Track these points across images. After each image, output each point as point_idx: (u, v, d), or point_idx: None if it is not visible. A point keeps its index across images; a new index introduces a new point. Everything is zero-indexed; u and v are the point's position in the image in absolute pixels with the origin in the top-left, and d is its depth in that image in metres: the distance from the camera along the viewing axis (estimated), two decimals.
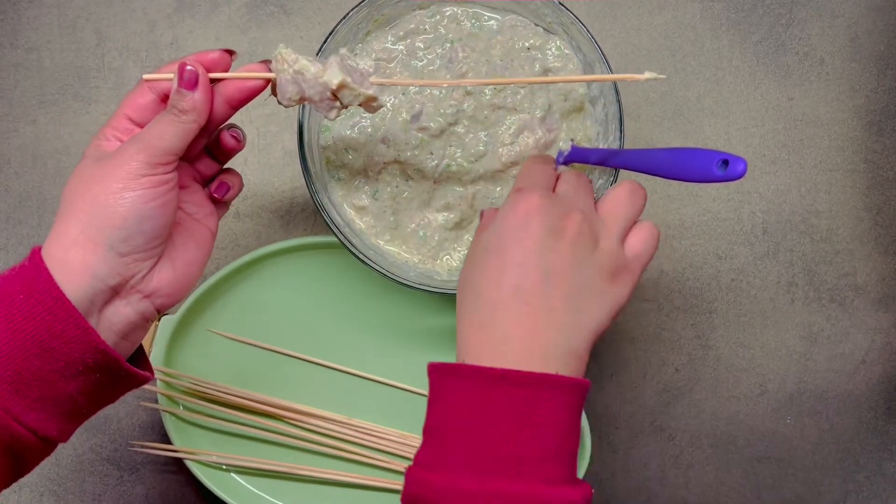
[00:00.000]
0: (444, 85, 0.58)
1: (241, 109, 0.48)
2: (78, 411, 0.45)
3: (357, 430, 0.66)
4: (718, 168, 0.45)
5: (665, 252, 0.68)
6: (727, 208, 0.69)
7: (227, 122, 0.49)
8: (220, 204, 0.51)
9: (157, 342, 0.64)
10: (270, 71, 0.47)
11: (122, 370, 0.44)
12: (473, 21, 0.60)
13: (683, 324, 0.68)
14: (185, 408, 0.66)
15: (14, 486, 0.68)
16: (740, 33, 0.69)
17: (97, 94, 0.69)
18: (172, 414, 0.65)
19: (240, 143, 0.50)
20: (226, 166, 0.52)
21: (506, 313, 0.43)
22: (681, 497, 0.68)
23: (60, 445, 0.67)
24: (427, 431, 0.44)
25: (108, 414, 0.67)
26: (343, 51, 0.49)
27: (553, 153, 0.59)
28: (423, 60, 0.60)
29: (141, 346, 0.49)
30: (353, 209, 0.60)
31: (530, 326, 0.43)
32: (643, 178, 0.68)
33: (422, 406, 0.65)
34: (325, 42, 0.56)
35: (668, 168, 0.49)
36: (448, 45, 0.60)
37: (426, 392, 0.65)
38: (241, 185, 0.52)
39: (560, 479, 0.41)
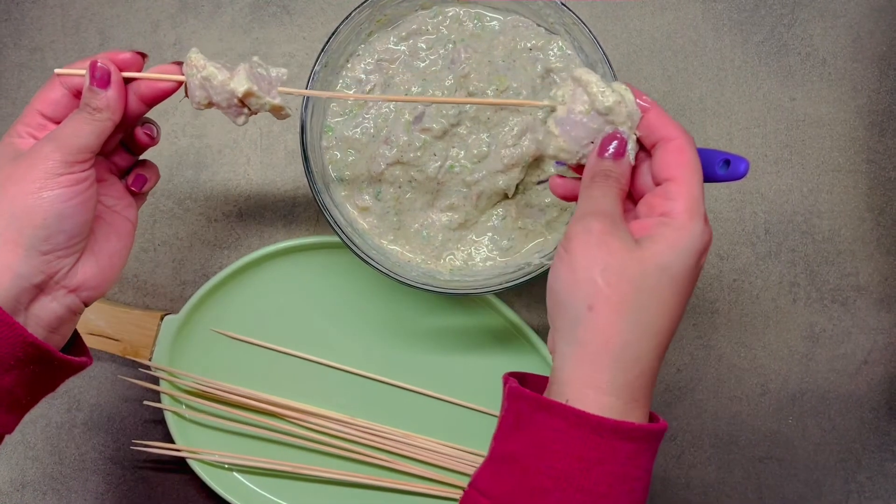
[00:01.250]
0: (355, 98, 0.57)
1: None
2: (17, 403, 0.45)
3: (360, 430, 0.66)
4: (721, 168, 0.45)
5: None
6: (729, 208, 0.69)
7: (142, 118, 0.49)
8: (138, 195, 0.51)
9: (160, 342, 0.65)
10: (182, 73, 0.48)
11: (57, 360, 0.45)
12: (476, 21, 0.60)
13: (685, 324, 0.68)
14: (189, 407, 0.66)
15: (17, 485, 0.68)
16: (742, 34, 0.69)
17: None
18: (175, 413, 0.65)
19: (153, 139, 0.50)
20: (141, 157, 0.52)
21: (660, 361, 0.41)
22: (682, 497, 0.68)
23: (63, 444, 0.68)
24: (500, 459, 0.41)
25: (112, 413, 0.68)
26: (255, 58, 0.49)
27: None
28: (425, 61, 0.60)
29: (77, 333, 0.50)
30: (355, 209, 0.60)
31: (658, 369, 0.41)
32: None
33: (424, 405, 0.66)
34: (327, 42, 0.56)
35: None
36: (450, 45, 0.60)
37: (429, 391, 0.66)
38: (158, 176, 0.52)
39: None
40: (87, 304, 0.47)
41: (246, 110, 0.49)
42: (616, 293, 0.39)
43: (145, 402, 0.66)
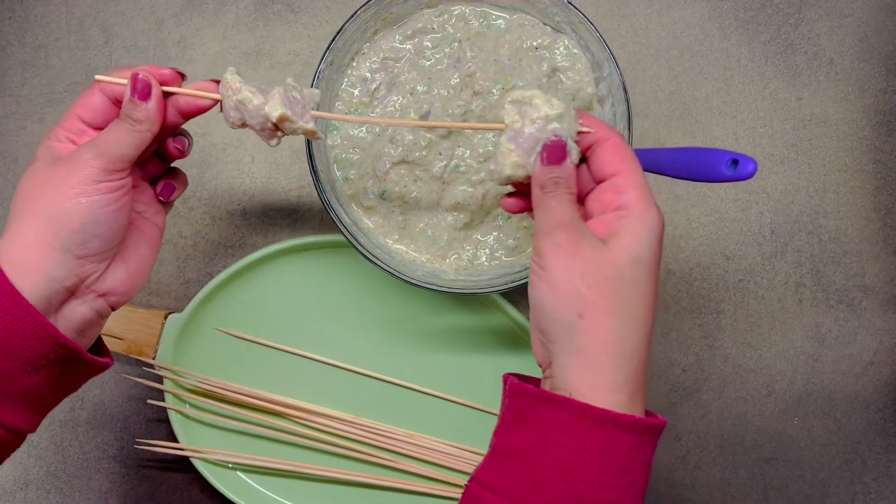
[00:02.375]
0: (395, 125, 0.56)
1: None
2: (42, 402, 0.46)
3: (363, 429, 0.66)
4: (728, 168, 0.45)
5: (672, 252, 0.68)
6: (735, 208, 0.68)
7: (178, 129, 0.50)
8: (166, 203, 0.52)
9: (164, 340, 0.64)
10: (219, 91, 0.48)
11: (83, 360, 0.46)
12: (481, 20, 0.60)
13: (691, 324, 0.68)
14: (192, 406, 0.66)
15: (20, 483, 0.68)
16: (749, 33, 0.69)
17: None
18: (179, 412, 0.65)
19: (182, 153, 0.51)
20: (172, 166, 0.52)
21: (648, 342, 0.42)
22: (687, 498, 0.68)
23: (67, 443, 0.68)
24: (503, 453, 0.42)
25: (115, 412, 0.68)
26: (290, 80, 0.49)
27: None
28: (430, 60, 0.60)
29: (99, 335, 0.50)
30: (360, 209, 0.60)
31: (645, 357, 0.42)
32: (652, 177, 0.68)
33: (428, 405, 0.66)
34: (332, 41, 0.56)
35: (677, 167, 0.49)
36: (456, 44, 0.60)
37: (433, 391, 0.66)
38: (186, 185, 0.53)
39: None
40: (114, 309, 0.48)
41: (279, 133, 0.49)
42: (600, 296, 0.41)
43: (149, 401, 0.66)
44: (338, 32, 0.56)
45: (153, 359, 0.65)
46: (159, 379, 0.66)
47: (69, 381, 0.46)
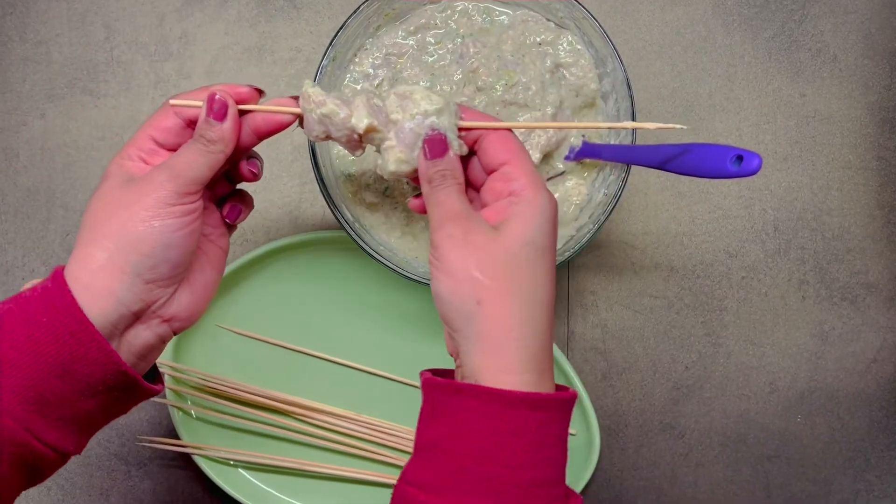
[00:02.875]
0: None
1: None
2: (93, 425, 0.45)
3: (365, 426, 0.65)
4: (732, 164, 0.45)
5: (675, 249, 0.68)
6: (738, 205, 0.68)
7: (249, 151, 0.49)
8: (231, 225, 0.52)
9: None
10: (298, 106, 0.47)
11: (140, 387, 0.45)
12: (484, 16, 0.60)
13: (694, 321, 0.68)
14: (194, 403, 0.66)
15: None
16: (752, 29, 0.69)
17: (106, 87, 0.68)
18: (181, 409, 0.65)
19: (256, 177, 0.50)
20: (238, 187, 0.52)
21: (551, 328, 0.43)
22: (690, 495, 0.68)
23: (79, 455, 0.67)
24: (423, 448, 0.42)
25: None
26: (366, 86, 0.48)
27: (564, 150, 0.59)
28: (433, 56, 0.59)
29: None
30: (363, 205, 0.60)
31: (547, 336, 0.43)
32: (655, 173, 0.68)
33: None
34: (335, 36, 0.56)
35: (681, 164, 0.48)
36: (459, 40, 0.59)
37: None
38: (252, 206, 0.52)
39: (563, 496, 0.41)
40: (175, 333, 0.47)
41: (364, 144, 0.48)
42: (496, 281, 0.41)
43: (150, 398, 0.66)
44: (340, 28, 0.56)
45: None
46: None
47: (121, 405, 0.46)
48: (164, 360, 0.64)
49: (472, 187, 0.47)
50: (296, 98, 0.48)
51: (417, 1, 0.59)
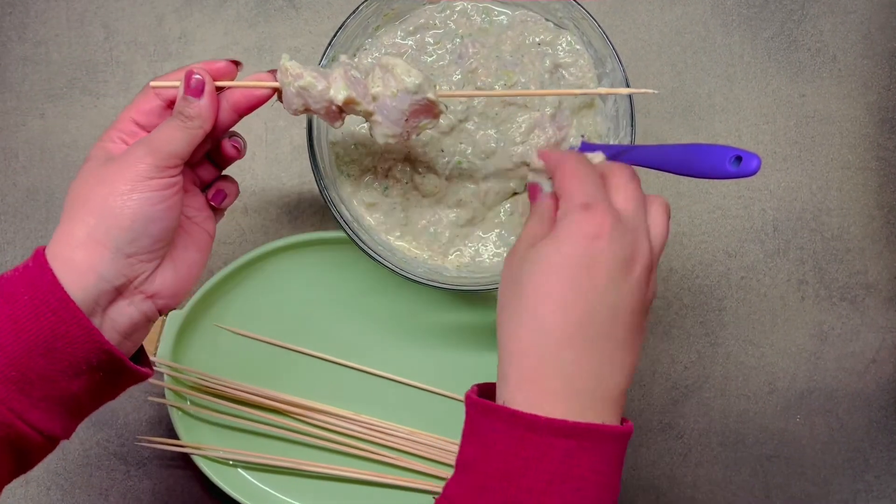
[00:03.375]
0: (456, 97, 0.57)
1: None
2: (80, 408, 0.45)
3: (364, 427, 0.65)
4: (731, 164, 0.45)
5: (674, 249, 0.68)
6: (737, 205, 0.68)
7: (230, 130, 0.50)
8: (217, 210, 0.52)
9: (164, 337, 0.64)
10: (276, 80, 0.48)
11: (126, 368, 0.45)
12: (483, 16, 0.60)
13: (693, 321, 0.68)
14: (193, 403, 0.66)
15: (21, 479, 0.68)
16: (752, 29, 0.69)
17: (105, 87, 0.68)
18: (180, 409, 0.65)
19: (240, 152, 0.50)
20: (224, 173, 0.52)
21: (573, 351, 0.40)
22: (689, 495, 0.68)
23: (68, 440, 0.67)
24: (461, 465, 0.42)
25: (115, 409, 0.67)
26: (344, 58, 0.49)
27: (564, 150, 0.59)
28: (432, 56, 0.59)
29: (141, 343, 0.50)
30: (362, 206, 0.60)
31: (594, 367, 0.40)
32: (654, 173, 0.68)
33: (429, 402, 0.66)
34: (334, 36, 0.56)
35: (680, 164, 0.48)
36: (458, 40, 0.59)
37: (434, 388, 0.66)
38: (238, 193, 0.53)
39: None
40: (161, 313, 0.47)
41: (343, 115, 0.49)
42: (503, 297, 0.45)
43: (149, 398, 0.66)
44: (339, 28, 0.56)
45: (154, 356, 0.65)
46: (160, 376, 0.65)
47: (109, 388, 0.46)
48: (163, 360, 0.64)
49: None
50: (273, 72, 0.48)
51: (416, 1, 0.59)
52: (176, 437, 0.65)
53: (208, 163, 0.51)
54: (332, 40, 0.56)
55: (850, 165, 0.68)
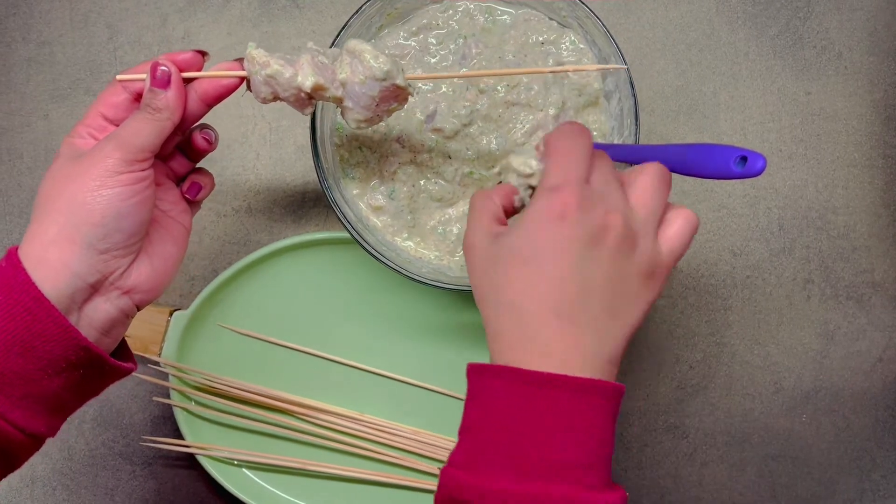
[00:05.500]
0: (418, 80, 0.57)
1: (252, 104, 0.48)
2: (63, 406, 0.45)
3: (368, 426, 0.65)
4: (737, 164, 0.44)
5: None
6: (742, 204, 0.68)
7: (199, 122, 0.49)
8: (193, 203, 0.52)
9: (169, 337, 0.64)
10: (244, 69, 0.48)
11: (106, 365, 0.45)
12: (487, 16, 0.60)
13: (698, 321, 0.68)
14: (198, 403, 0.66)
15: (27, 480, 0.68)
16: (757, 27, 0.68)
17: None
18: (184, 409, 0.65)
19: (211, 144, 0.50)
20: (198, 165, 0.52)
21: (548, 330, 0.41)
22: (694, 495, 0.68)
23: (73, 440, 0.68)
24: (463, 431, 0.42)
25: (121, 409, 0.68)
26: (311, 45, 0.49)
27: None
28: (435, 56, 0.59)
29: (123, 338, 0.49)
30: (369, 209, 0.60)
31: (571, 340, 0.41)
32: None
33: (434, 402, 0.66)
34: (337, 36, 0.56)
35: (685, 164, 0.48)
36: (461, 40, 0.59)
37: (439, 388, 0.66)
38: (213, 185, 0.52)
39: (600, 484, 0.40)
40: (139, 308, 0.47)
41: (312, 101, 0.49)
42: (473, 276, 0.45)
43: (154, 398, 0.66)
44: (342, 28, 0.56)
45: (158, 356, 0.65)
46: (164, 376, 0.65)
47: (91, 385, 0.46)
48: (167, 361, 0.64)
49: None
50: (240, 61, 0.48)
51: (420, 0, 0.59)
52: (181, 437, 0.65)
53: (181, 155, 0.51)
54: (335, 40, 0.56)
55: (856, 163, 0.68)
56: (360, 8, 0.56)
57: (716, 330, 0.68)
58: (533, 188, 0.46)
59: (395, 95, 0.49)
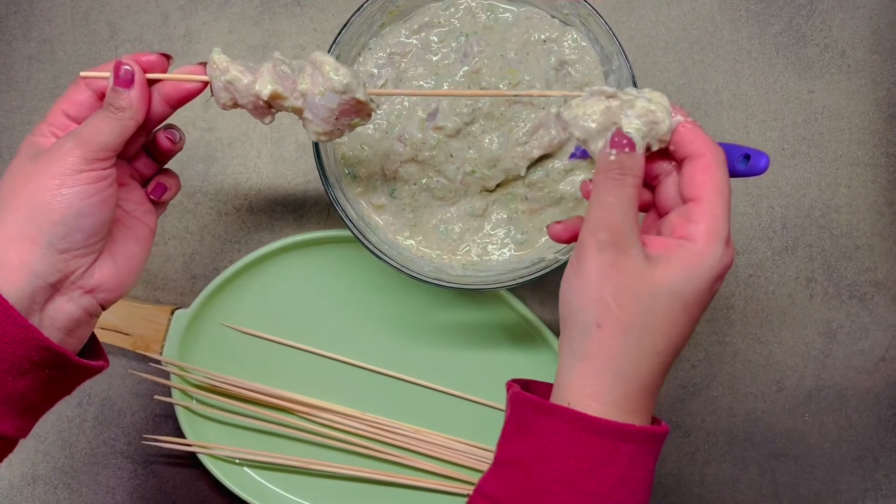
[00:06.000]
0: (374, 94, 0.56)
1: None
2: (32, 407, 0.45)
3: (370, 425, 0.65)
4: (740, 163, 0.44)
5: None
6: (745, 203, 0.68)
7: (164, 123, 0.49)
8: (158, 204, 0.51)
9: (170, 336, 0.64)
10: (206, 74, 0.47)
11: (71, 364, 0.44)
12: (489, 13, 0.59)
13: (700, 319, 0.67)
14: (199, 402, 0.66)
15: (28, 478, 0.68)
16: (760, 24, 0.68)
17: None
18: (186, 408, 0.65)
19: (175, 144, 0.50)
20: (165, 167, 0.52)
21: (663, 376, 0.41)
22: (696, 494, 0.67)
23: (74, 438, 0.68)
24: (505, 463, 0.41)
25: (122, 408, 0.68)
26: (277, 54, 0.48)
27: (569, 150, 0.59)
28: (437, 54, 0.59)
29: (93, 335, 0.49)
30: (371, 207, 0.60)
31: (661, 383, 0.42)
32: None
33: (435, 400, 0.65)
34: (339, 34, 0.56)
35: None
36: (463, 38, 0.59)
37: (440, 387, 0.65)
38: (179, 186, 0.52)
39: None
40: (104, 307, 0.47)
41: (273, 110, 0.48)
42: (625, 314, 0.40)
43: (156, 397, 0.66)
44: (344, 26, 0.56)
45: (160, 354, 0.65)
46: (166, 375, 0.65)
47: (59, 384, 0.45)
48: (169, 359, 0.64)
49: (655, 211, 0.45)
50: (204, 65, 0.48)
51: None
52: (182, 435, 0.65)
53: (146, 156, 0.50)
54: (336, 38, 0.56)
55: (859, 162, 0.68)
56: (362, 6, 0.56)
57: (718, 329, 0.68)
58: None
59: (357, 110, 0.48)
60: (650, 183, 0.45)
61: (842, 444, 0.68)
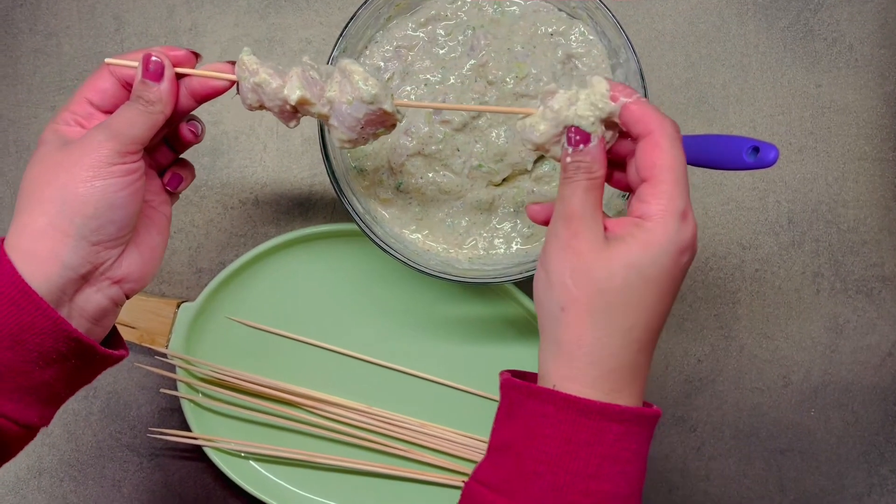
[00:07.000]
0: (416, 107, 0.56)
1: None
2: (55, 396, 0.45)
3: (375, 419, 0.65)
4: (749, 155, 0.44)
5: None
6: (752, 197, 0.67)
7: (188, 115, 0.49)
8: (173, 194, 0.51)
9: (176, 329, 0.64)
10: (234, 73, 0.47)
11: (98, 354, 0.45)
12: (495, 7, 0.59)
13: (706, 314, 0.67)
14: (205, 395, 0.66)
15: (34, 471, 0.68)
16: (767, 19, 0.68)
17: None
18: (192, 401, 0.65)
19: (197, 137, 0.50)
20: (181, 157, 0.52)
21: (642, 355, 0.41)
22: (702, 489, 0.67)
23: (80, 431, 0.68)
24: (496, 449, 0.42)
25: (128, 401, 0.68)
26: (306, 59, 0.48)
27: None
28: (444, 48, 0.59)
29: (113, 325, 0.49)
30: (377, 201, 0.60)
31: (641, 373, 0.42)
32: None
33: (441, 394, 0.65)
34: (345, 28, 0.56)
35: (697, 155, 0.48)
36: (470, 31, 0.59)
37: (446, 381, 0.65)
38: (193, 177, 0.52)
39: None
40: (128, 297, 0.47)
41: (298, 114, 0.48)
42: (584, 294, 0.40)
43: (162, 390, 0.66)
44: (351, 19, 0.56)
45: (166, 348, 0.65)
46: (172, 368, 0.65)
47: (83, 373, 0.46)
48: (175, 353, 0.64)
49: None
50: (233, 63, 0.48)
51: None
52: (188, 429, 0.65)
53: (165, 147, 0.50)
54: (343, 31, 0.56)
55: (866, 157, 0.68)
56: None
57: (724, 323, 0.67)
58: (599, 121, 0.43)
59: (382, 121, 0.48)
60: (622, 164, 0.46)
61: (848, 439, 0.67)
